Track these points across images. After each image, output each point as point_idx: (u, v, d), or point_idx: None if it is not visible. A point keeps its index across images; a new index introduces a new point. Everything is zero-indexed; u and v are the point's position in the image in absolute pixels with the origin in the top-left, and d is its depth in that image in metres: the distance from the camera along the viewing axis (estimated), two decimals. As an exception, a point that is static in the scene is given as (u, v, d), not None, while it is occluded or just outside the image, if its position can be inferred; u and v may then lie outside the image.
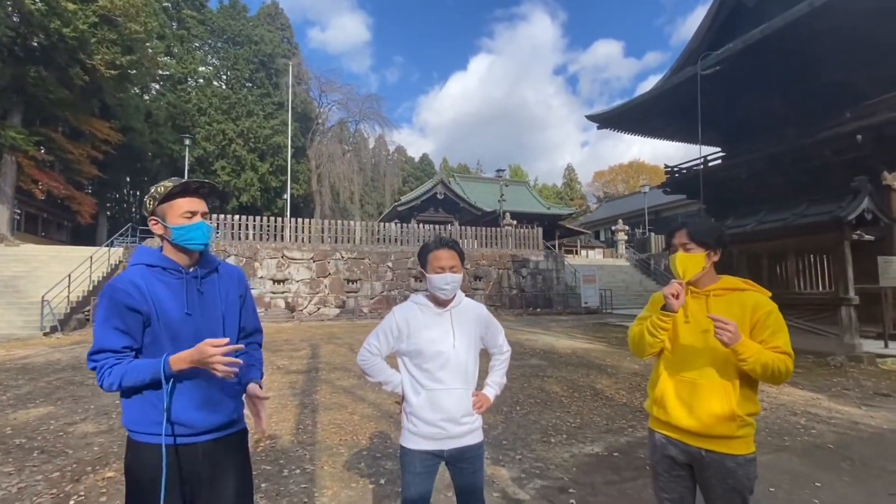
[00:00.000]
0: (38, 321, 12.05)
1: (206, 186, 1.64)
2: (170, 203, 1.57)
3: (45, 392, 6.06)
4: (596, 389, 6.26)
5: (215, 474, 1.56)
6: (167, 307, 1.51)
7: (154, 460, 1.45)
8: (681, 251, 1.73)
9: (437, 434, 1.88)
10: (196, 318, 1.55)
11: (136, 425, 1.50)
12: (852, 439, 4.30)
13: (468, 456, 1.93)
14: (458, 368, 1.92)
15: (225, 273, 1.71)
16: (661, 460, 1.75)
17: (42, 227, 28.53)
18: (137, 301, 1.47)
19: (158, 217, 1.58)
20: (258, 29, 37.17)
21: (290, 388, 6.32)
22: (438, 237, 2.09)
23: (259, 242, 17.81)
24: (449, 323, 1.95)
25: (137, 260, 1.58)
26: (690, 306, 1.73)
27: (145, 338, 1.50)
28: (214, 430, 1.56)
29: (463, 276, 2.12)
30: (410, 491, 1.90)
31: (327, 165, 36.66)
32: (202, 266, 1.64)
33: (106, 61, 21.34)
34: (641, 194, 37.81)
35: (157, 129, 31.21)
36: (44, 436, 4.38)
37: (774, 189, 12.54)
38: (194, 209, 1.58)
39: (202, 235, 1.58)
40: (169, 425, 1.46)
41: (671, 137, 17.88)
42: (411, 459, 1.90)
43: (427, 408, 1.88)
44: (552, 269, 21.95)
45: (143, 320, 1.49)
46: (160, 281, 1.54)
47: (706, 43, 14.41)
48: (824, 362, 8.01)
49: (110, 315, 1.47)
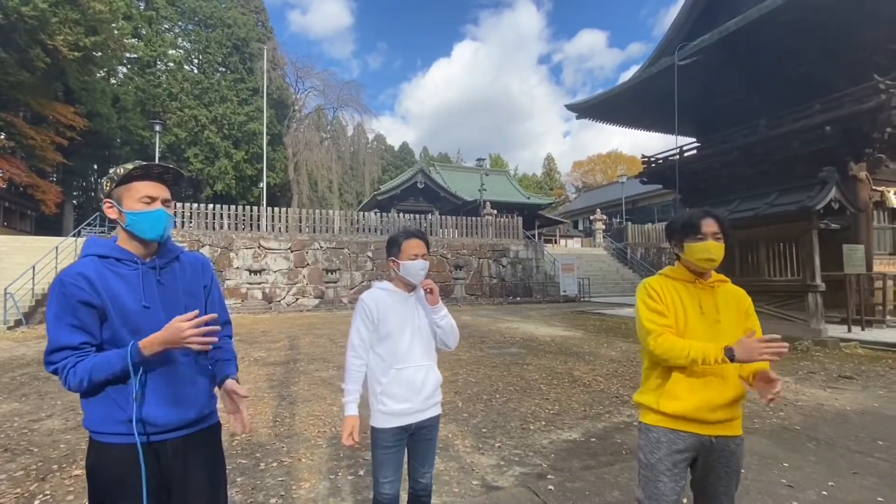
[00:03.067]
0: (1, 315, 11.56)
1: (171, 172, 1.50)
2: (127, 186, 1.45)
3: (9, 388, 5.82)
4: (574, 376, 6.35)
5: (187, 472, 1.49)
6: (123, 301, 1.40)
7: (121, 461, 1.38)
8: (712, 240, 1.73)
9: (406, 410, 2.02)
10: (156, 310, 1.45)
11: (100, 426, 1.41)
12: (818, 421, 4.46)
13: (427, 425, 2.10)
14: (424, 346, 2.10)
15: (187, 262, 1.61)
16: (667, 457, 1.69)
17: (3, 217, 27.24)
18: (89, 294, 1.36)
19: (114, 200, 1.45)
20: (231, 11, 35.91)
21: (267, 380, 6.22)
22: (407, 228, 2.26)
23: (234, 232, 17.40)
24: (414, 306, 2.12)
25: (87, 251, 1.46)
26: (703, 299, 1.76)
27: (104, 333, 1.40)
28: (185, 427, 1.49)
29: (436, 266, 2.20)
30: (384, 466, 2.02)
31: (304, 153, 35.99)
32: (161, 256, 1.53)
33: (69, 42, 20.38)
34: (619, 184, 38.31)
35: (125, 114, 30.03)
36: (7, 434, 4.20)
37: (746, 179, 12.85)
38: (154, 195, 1.45)
39: (159, 224, 1.45)
40: (140, 424, 1.38)
41: (649, 128, 18.11)
42: (383, 436, 2.02)
43: (397, 386, 2.01)
44: (532, 258, 22.12)
45: (98, 315, 1.38)
46: (113, 272, 1.42)
47: (683, 33, 14.57)
48: (792, 347, 8.30)
49: (62, 312, 1.36)
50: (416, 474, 2.13)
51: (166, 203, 1.49)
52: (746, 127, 12.88)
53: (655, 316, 1.72)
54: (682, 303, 1.75)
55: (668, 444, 1.69)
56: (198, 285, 1.61)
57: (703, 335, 1.69)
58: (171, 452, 1.46)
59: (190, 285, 1.58)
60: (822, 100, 10.97)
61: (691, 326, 1.72)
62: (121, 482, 1.38)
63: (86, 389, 1.37)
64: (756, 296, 8.77)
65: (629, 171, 40.99)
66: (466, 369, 6.77)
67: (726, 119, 14.14)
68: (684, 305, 1.74)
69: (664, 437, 1.70)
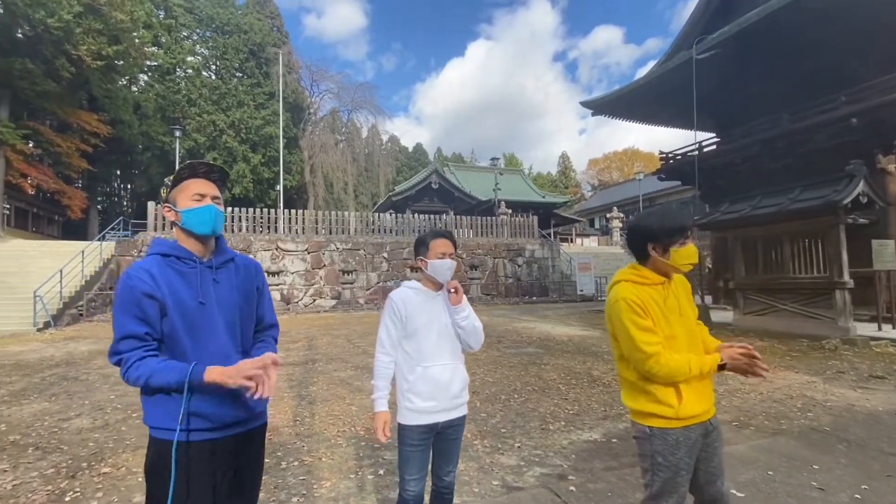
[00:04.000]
0: (30, 317, 11.93)
1: (217, 171, 1.59)
2: (180, 186, 1.54)
3: (40, 388, 6.00)
4: (593, 376, 6.28)
5: (235, 469, 1.55)
6: (181, 296, 1.47)
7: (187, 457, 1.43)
8: (691, 244, 1.77)
9: (432, 408, 2.03)
10: (210, 307, 1.51)
11: (158, 422, 1.46)
12: (848, 422, 4.32)
13: (454, 425, 2.11)
14: (450, 345, 2.11)
15: (241, 264, 1.68)
16: (686, 454, 1.71)
17: (33, 222, 28.16)
18: (152, 288, 1.44)
19: (171, 203, 1.55)
20: (247, 17, 36.47)
21: (286, 380, 6.29)
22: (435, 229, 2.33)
23: (253, 234, 17.68)
24: (442, 304, 2.13)
25: (152, 250, 1.55)
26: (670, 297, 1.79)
27: (164, 326, 1.46)
28: (237, 425, 1.53)
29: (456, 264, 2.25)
30: (409, 464, 2.04)
31: (320, 156, 36.32)
32: (217, 256, 1.61)
33: (92, 52, 20.91)
34: (636, 181, 37.79)
35: (146, 120, 30.72)
36: (38, 432, 4.33)
37: (769, 174, 12.55)
38: (204, 192, 1.54)
39: (209, 218, 1.53)
40: (187, 420, 1.43)
41: (666, 123, 17.83)
42: (409, 434, 2.03)
43: (423, 383, 2.03)
44: (548, 257, 21.97)
45: (159, 308, 1.45)
46: (174, 270, 1.50)
47: (700, 27, 14.31)
48: (819, 346, 8.07)
49: (128, 304, 1.43)
50: (441, 472, 2.15)
51: (216, 200, 1.56)
52: (768, 121, 12.59)
53: (648, 336, 1.67)
54: (660, 308, 1.73)
55: (685, 441, 1.73)
56: (251, 286, 1.68)
57: (683, 334, 1.75)
58: (225, 450, 1.50)
59: (244, 286, 1.64)
60: (848, 91, 10.66)
61: (675, 330, 1.73)
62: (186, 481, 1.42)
63: (141, 388, 1.44)
64: (780, 294, 8.57)
65: (646, 168, 40.46)
66: (484, 369, 6.74)
67: (747, 113, 13.84)
68: (663, 311, 1.73)
69: (681, 436, 1.72)
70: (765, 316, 9.78)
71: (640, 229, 1.79)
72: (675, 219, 1.76)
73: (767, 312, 9.72)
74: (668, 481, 1.72)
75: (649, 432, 1.74)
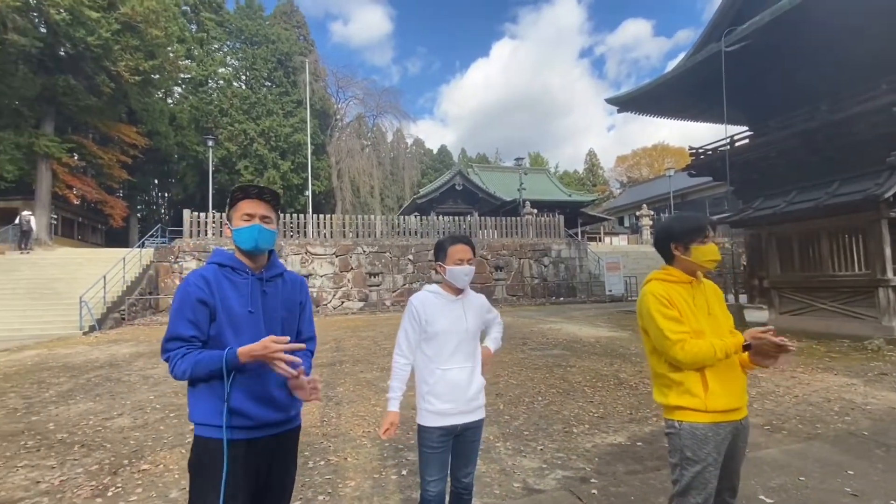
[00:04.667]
0: (76, 321, 12.60)
1: (266, 192, 1.71)
2: (234, 207, 1.69)
3: (85, 389, 6.34)
4: (620, 378, 6.19)
5: (271, 469, 1.65)
6: (231, 304, 1.61)
7: (218, 456, 1.53)
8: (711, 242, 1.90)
9: (451, 410, 2.08)
10: (257, 316, 1.64)
11: (202, 418, 1.57)
12: (889, 425, 4.13)
13: (472, 427, 2.16)
14: (469, 349, 2.17)
15: (289, 279, 1.81)
16: (714, 449, 1.77)
17: (78, 231, 29.69)
18: (205, 294, 1.58)
19: (228, 222, 1.72)
20: (275, 28, 37.49)
21: (314, 381, 6.45)
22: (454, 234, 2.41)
23: (283, 239, 18.13)
24: (461, 309, 2.18)
25: (211, 259, 1.71)
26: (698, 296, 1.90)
27: (211, 330, 1.59)
28: (275, 426, 1.64)
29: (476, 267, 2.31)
30: (429, 465, 2.09)
31: (347, 161, 36.97)
32: (268, 269, 1.73)
33: (130, 67, 21.92)
34: (666, 178, 36.83)
35: (181, 131, 31.97)
36: (84, 431, 4.59)
37: (805, 168, 12.04)
38: (252, 212, 1.66)
39: (251, 237, 1.65)
40: (233, 417, 1.53)
41: (695, 118, 17.34)
42: (429, 436, 2.08)
43: (442, 386, 2.08)
44: (575, 257, 21.68)
45: (209, 313, 1.59)
46: (228, 279, 1.65)
47: (730, 17, 13.86)
48: (861, 346, 7.70)
49: (183, 307, 1.58)
50: (460, 474, 2.20)
51: (265, 219, 1.68)
52: (804, 112, 12.08)
53: (673, 324, 1.79)
54: (688, 305, 1.84)
55: (714, 437, 1.79)
56: (295, 300, 1.80)
57: (712, 333, 1.82)
58: (261, 450, 1.61)
59: (289, 299, 1.77)
60: (890, 78, 10.13)
61: (702, 325, 1.82)
62: (216, 476, 1.52)
63: (188, 380, 1.56)
64: (818, 292, 8.25)
65: (676, 164, 39.31)
66: (508, 371, 6.74)
67: (780, 105, 13.32)
68: (691, 308, 1.84)
69: (710, 431, 1.78)
70: (802, 315, 9.40)
71: (664, 232, 1.99)
72: (694, 220, 1.94)
73: (805, 312, 9.34)
74: (697, 476, 1.78)
75: (678, 427, 1.83)
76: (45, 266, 16.50)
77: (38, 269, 16.22)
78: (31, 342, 10.99)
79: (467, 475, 2.20)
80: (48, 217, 23.03)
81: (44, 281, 15.15)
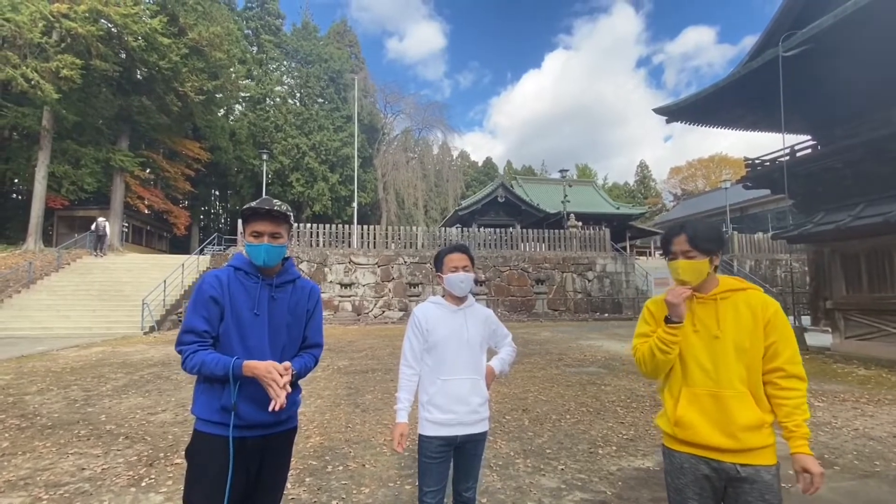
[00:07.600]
0: (139, 321, 13.56)
1: (276, 211, 1.75)
2: (246, 224, 1.81)
3: (137, 385, 6.80)
4: (657, 400, 5.88)
5: (262, 468, 1.73)
6: (239, 305, 1.71)
7: (211, 451, 1.63)
8: (682, 259, 1.63)
9: (451, 420, 2.06)
10: (262, 320, 1.73)
11: (201, 412, 1.68)
12: (963, 467, 3.68)
13: (474, 440, 2.12)
14: (470, 360, 2.14)
15: (300, 286, 1.89)
16: (693, 482, 1.59)
17: (146, 238, 32.04)
18: (218, 292, 1.70)
19: (244, 234, 1.84)
20: (328, 47, 39.29)
21: (346, 387, 6.58)
22: (453, 244, 2.37)
23: (329, 249, 18.75)
24: (463, 318, 2.17)
25: (230, 262, 1.84)
26: (698, 313, 1.64)
27: (220, 328, 1.71)
28: (268, 427, 1.71)
29: (474, 277, 2.27)
30: (427, 476, 2.07)
31: (392, 174, 37.84)
32: (280, 276, 1.83)
33: (195, 88, 23.68)
34: (723, 190, 34.97)
35: (239, 146, 33.96)
36: (130, 423, 4.92)
37: (875, 179, 11.08)
38: (261, 230, 1.75)
39: (260, 254, 1.75)
40: (229, 418, 1.62)
41: (750, 127, 16.40)
42: (427, 446, 2.07)
43: (442, 396, 2.07)
44: (621, 271, 20.96)
45: (220, 311, 1.71)
46: (239, 282, 1.76)
47: (790, 21, 13.11)
48: (940, 377, 6.93)
49: (198, 302, 1.71)
50: (460, 487, 2.16)
51: (274, 235, 1.76)
52: (875, 119, 11.17)
53: (639, 340, 1.72)
54: (689, 323, 1.64)
55: (691, 470, 1.59)
56: (302, 308, 1.87)
57: (700, 353, 1.60)
58: (252, 448, 1.69)
59: (296, 306, 1.84)
60: (976, 81, 9.19)
61: (690, 345, 1.62)
62: (206, 469, 1.63)
63: (196, 374, 1.68)
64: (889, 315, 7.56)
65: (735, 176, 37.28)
66: (538, 387, 6.59)
67: (847, 112, 12.38)
68: (690, 325, 1.64)
69: (687, 462, 1.61)
70: (871, 340, 8.58)
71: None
72: (667, 231, 1.74)
73: (874, 337, 8.53)
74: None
75: (663, 451, 1.73)
76: (115, 270, 17.91)
77: (109, 272, 17.64)
78: (99, 339, 11.93)
79: (468, 489, 2.15)
80: (120, 225, 25.05)
81: (113, 284, 16.45)
